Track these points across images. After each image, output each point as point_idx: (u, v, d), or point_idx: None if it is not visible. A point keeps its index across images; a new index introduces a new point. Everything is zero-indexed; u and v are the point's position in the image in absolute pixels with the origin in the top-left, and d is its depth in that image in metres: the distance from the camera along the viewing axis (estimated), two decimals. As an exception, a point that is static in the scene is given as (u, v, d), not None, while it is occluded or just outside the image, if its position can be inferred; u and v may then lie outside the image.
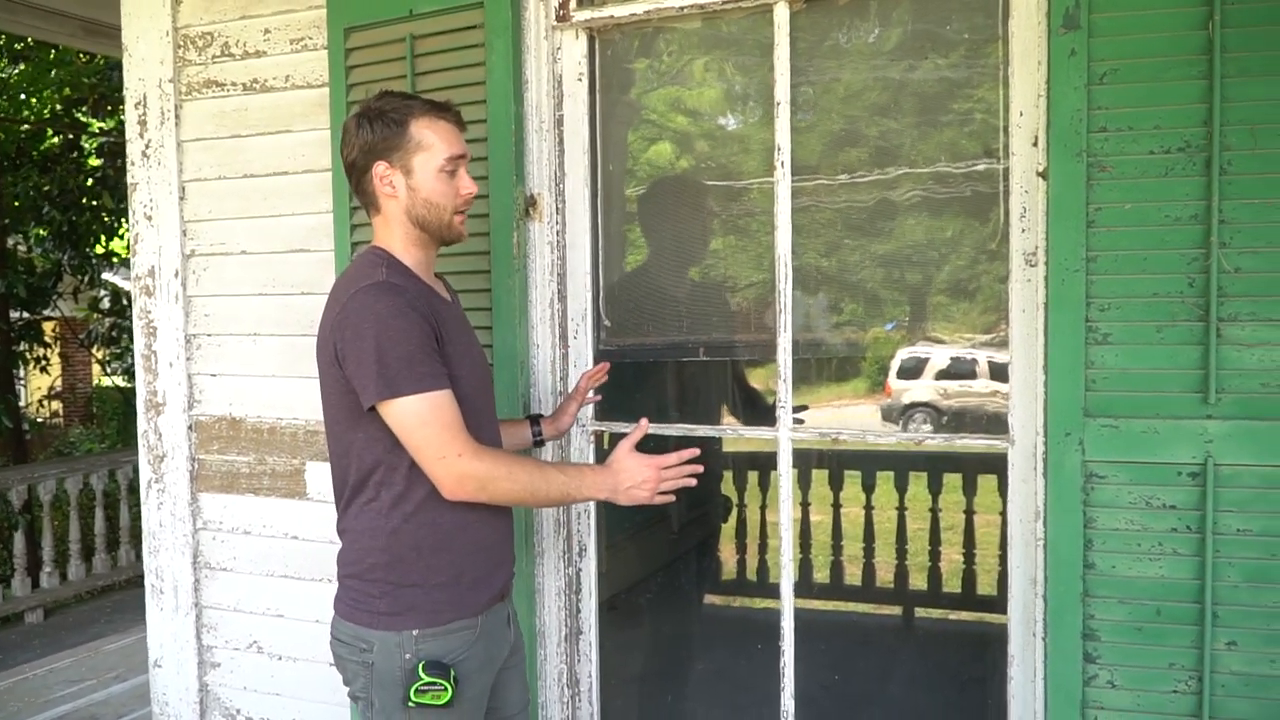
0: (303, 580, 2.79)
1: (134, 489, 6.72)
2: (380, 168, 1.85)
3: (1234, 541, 1.91)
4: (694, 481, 1.96)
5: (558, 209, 2.47)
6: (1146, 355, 1.95)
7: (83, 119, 9.65)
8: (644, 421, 2.02)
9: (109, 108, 9.49)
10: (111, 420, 12.24)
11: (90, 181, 9.32)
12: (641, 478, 1.91)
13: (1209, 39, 1.87)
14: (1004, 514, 2.21)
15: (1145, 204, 1.93)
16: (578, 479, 1.91)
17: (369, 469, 1.81)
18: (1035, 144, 2.06)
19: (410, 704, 1.76)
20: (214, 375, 2.89)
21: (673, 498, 1.95)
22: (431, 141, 1.85)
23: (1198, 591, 1.93)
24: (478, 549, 1.87)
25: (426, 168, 1.85)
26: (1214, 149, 1.88)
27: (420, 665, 1.77)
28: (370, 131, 1.84)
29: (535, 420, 2.27)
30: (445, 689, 1.76)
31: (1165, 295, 1.93)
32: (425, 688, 1.75)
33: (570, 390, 2.40)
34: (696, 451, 1.96)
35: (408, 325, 1.73)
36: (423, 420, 1.73)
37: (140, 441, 2.99)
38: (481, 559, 1.88)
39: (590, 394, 2.33)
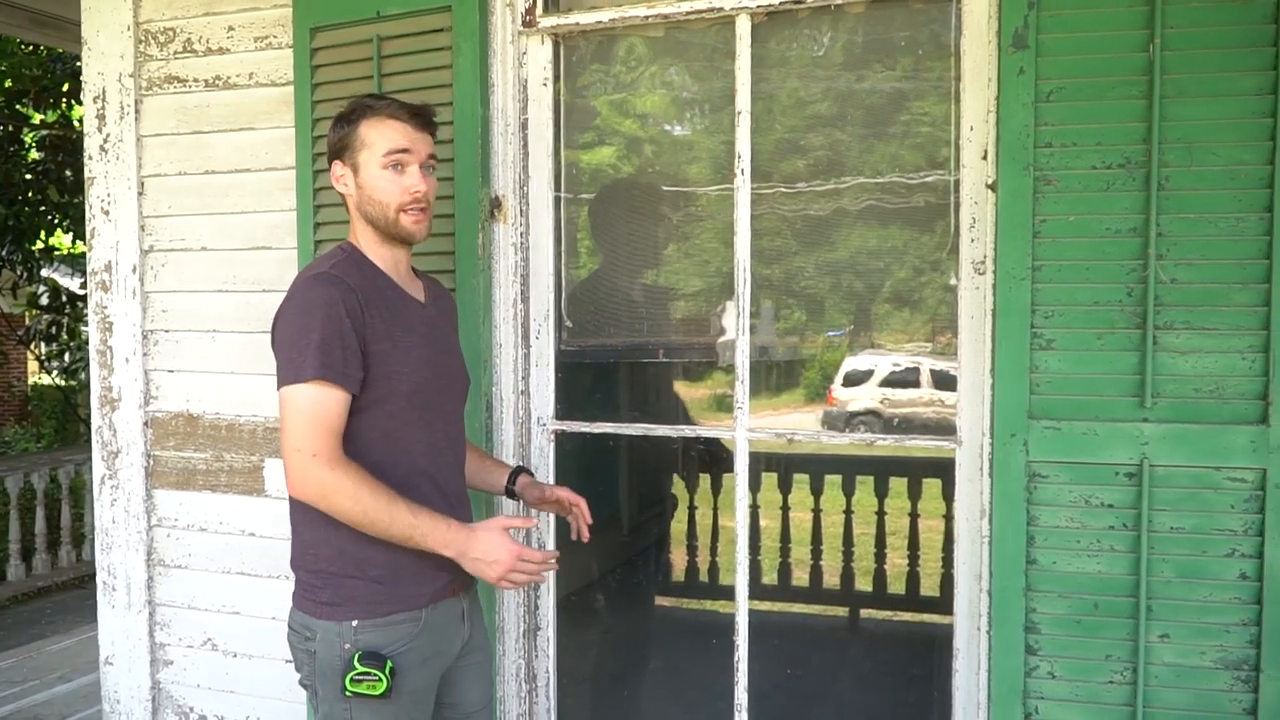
0: (260, 577, 2.79)
1: (75, 489, 6.61)
2: (336, 167, 1.95)
3: (1167, 539, 2.01)
4: (544, 579, 1.93)
5: (522, 211, 2.52)
6: (1087, 361, 2.04)
7: (24, 111, 9.45)
8: (534, 521, 2.03)
9: (51, 100, 9.30)
10: (49, 419, 11.98)
11: (30, 175, 9.13)
12: (494, 557, 1.84)
13: (1149, 61, 1.97)
14: (947, 515, 2.29)
15: (1088, 216, 2.03)
16: (428, 527, 1.81)
17: None
18: (985, 157, 2.15)
19: (347, 693, 1.80)
20: (171, 371, 2.88)
21: (514, 587, 1.90)
22: (374, 139, 1.90)
23: (1133, 586, 2.03)
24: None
25: (369, 164, 1.90)
26: (1153, 165, 1.98)
27: (356, 655, 1.80)
28: (333, 133, 1.94)
29: (519, 472, 2.22)
30: (380, 680, 1.79)
31: (1106, 304, 2.03)
32: (360, 677, 1.79)
33: (555, 485, 2.26)
34: (558, 554, 1.97)
35: (325, 316, 1.77)
36: (297, 408, 1.77)
37: (94, 437, 2.97)
38: (424, 554, 1.85)
39: (562, 501, 2.22)
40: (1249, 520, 1.97)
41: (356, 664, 1.79)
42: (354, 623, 1.82)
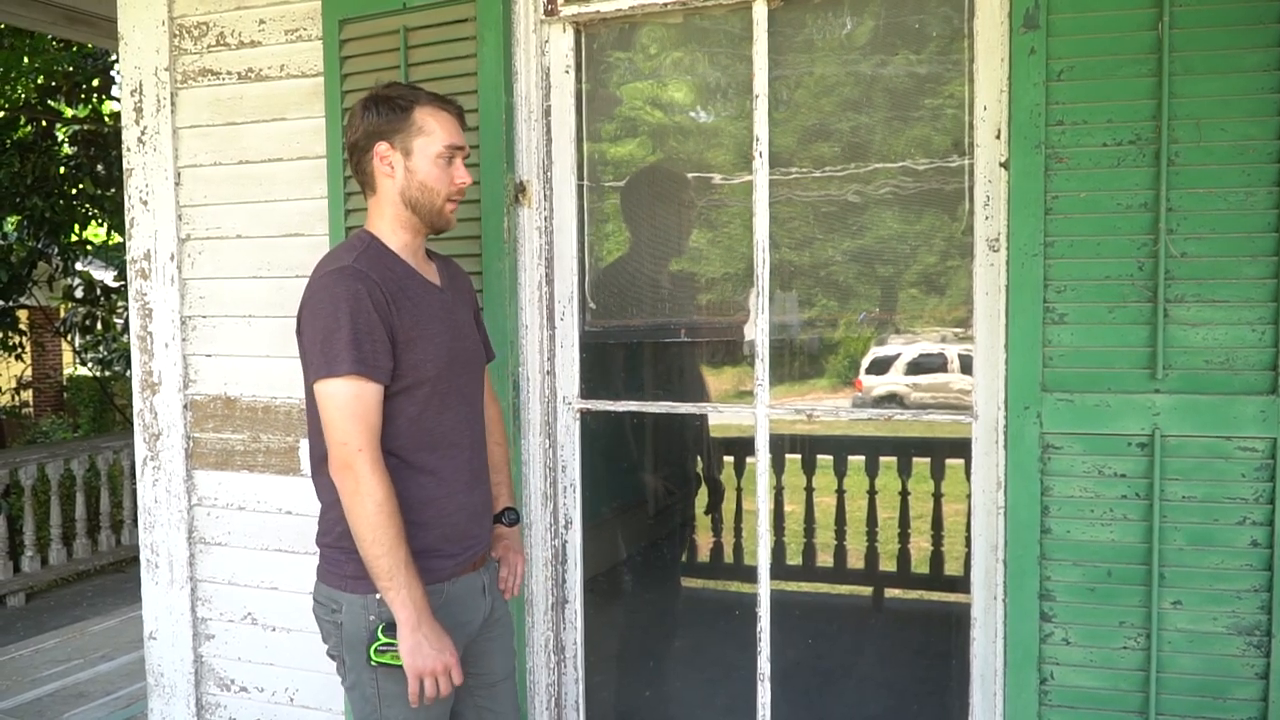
0: (296, 554, 2.88)
1: (113, 476, 6.77)
2: (381, 147, 1.95)
3: (1179, 507, 2.06)
4: (430, 701, 1.87)
5: (546, 195, 2.58)
6: (1099, 334, 2.09)
7: (56, 107, 9.62)
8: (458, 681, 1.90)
9: (83, 95, 9.47)
10: (86, 409, 12.21)
11: (64, 170, 9.30)
12: (423, 656, 1.83)
13: (1158, 39, 2.01)
14: (969, 495, 2.33)
15: (1099, 193, 2.07)
16: (398, 583, 1.82)
17: None
18: (998, 136, 2.19)
19: (372, 663, 1.88)
20: (209, 356, 2.97)
21: (415, 681, 1.84)
22: (433, 128, 1.95)
23: (1146, 554, 2.07)
24: (439, 523, 1.95)
25: (425, 152, 1.94)
26: (1162, 141, 2.02)
27: (380, 627, 1.87)
28: (376, 115, 1.95)
29: (505, 513, 2.22)
30: None
31: (1117, 278, 2.07)
32: (384, 648, 1.86)
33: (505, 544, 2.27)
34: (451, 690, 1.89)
35: (354, 310, 1.82)
36: (337, 404, 1.82)
37: (136, 420, 3.07)
38: (443, 532, 1.95)
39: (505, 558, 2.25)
40: (1260, 488, 2.01)
41: (380, 635, 1.86)
42: (377, 596, 1.88)
